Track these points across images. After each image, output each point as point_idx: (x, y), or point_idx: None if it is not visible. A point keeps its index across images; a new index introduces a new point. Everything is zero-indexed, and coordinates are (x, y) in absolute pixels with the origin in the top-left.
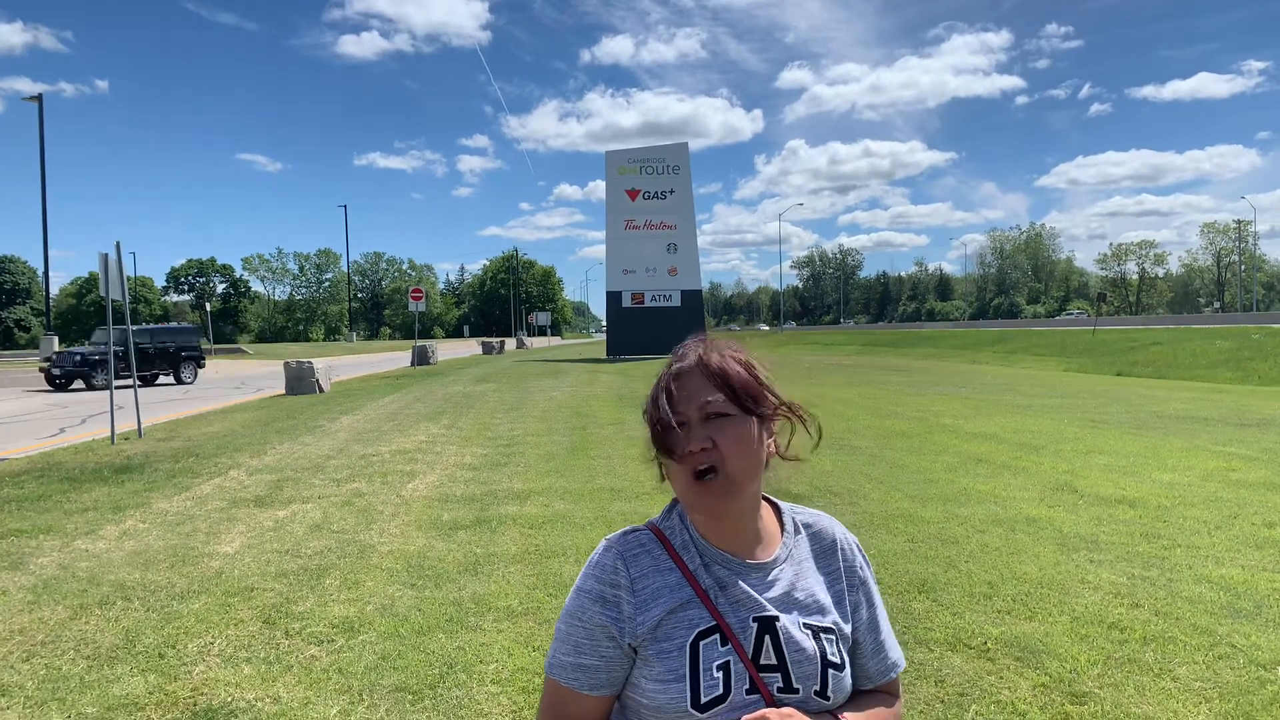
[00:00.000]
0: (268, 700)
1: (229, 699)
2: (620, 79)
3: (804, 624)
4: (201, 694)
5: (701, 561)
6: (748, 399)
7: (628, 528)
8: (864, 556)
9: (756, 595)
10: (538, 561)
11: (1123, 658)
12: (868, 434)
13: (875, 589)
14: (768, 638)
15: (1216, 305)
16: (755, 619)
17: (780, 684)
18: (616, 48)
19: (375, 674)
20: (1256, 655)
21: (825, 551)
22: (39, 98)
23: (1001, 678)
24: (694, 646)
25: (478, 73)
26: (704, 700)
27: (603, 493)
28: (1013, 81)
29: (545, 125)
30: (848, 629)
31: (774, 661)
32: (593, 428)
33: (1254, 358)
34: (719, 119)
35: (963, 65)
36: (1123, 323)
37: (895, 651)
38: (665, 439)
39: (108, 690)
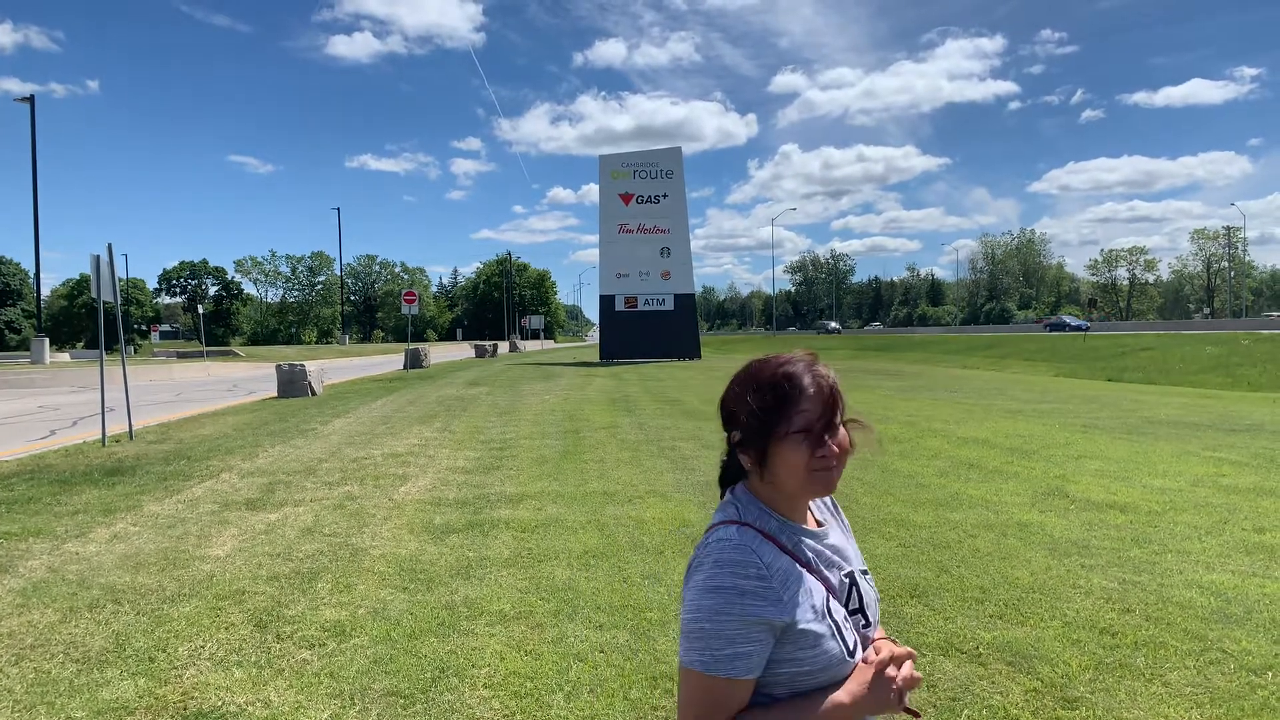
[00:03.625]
0: (259, 704)
1: (220, 703)
2: (613, 82)
3: (861, 571)
4: (192, 698)
5: (792, 540)
6: (842, 411)
7: (727, 525)
8: None
9: (834, 555)
10: (530, 565)
11: (1114, 663)
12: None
13: None
14: (853, 588)
15: (1207, 311)
16: (845, 575)
17: (864, 622)
18: (609, 51)
19: (367, 678)
20: (1247, 660)
21: (835, 510)
22: (31, 99)
23: (993, 682)
24: (826, 609)
25: (469, 75)
26: (851, 648)
27: (595, 496)
28: (1007, 87)
29: (537, 128)
30: None
31: (857, 605)
32: (585, 431)
33: (1243, 364)
34: (713, 123)
35: (957, 70)
36: (1113, 328)
37: None
38: (785, 442)
39: (97, 694)
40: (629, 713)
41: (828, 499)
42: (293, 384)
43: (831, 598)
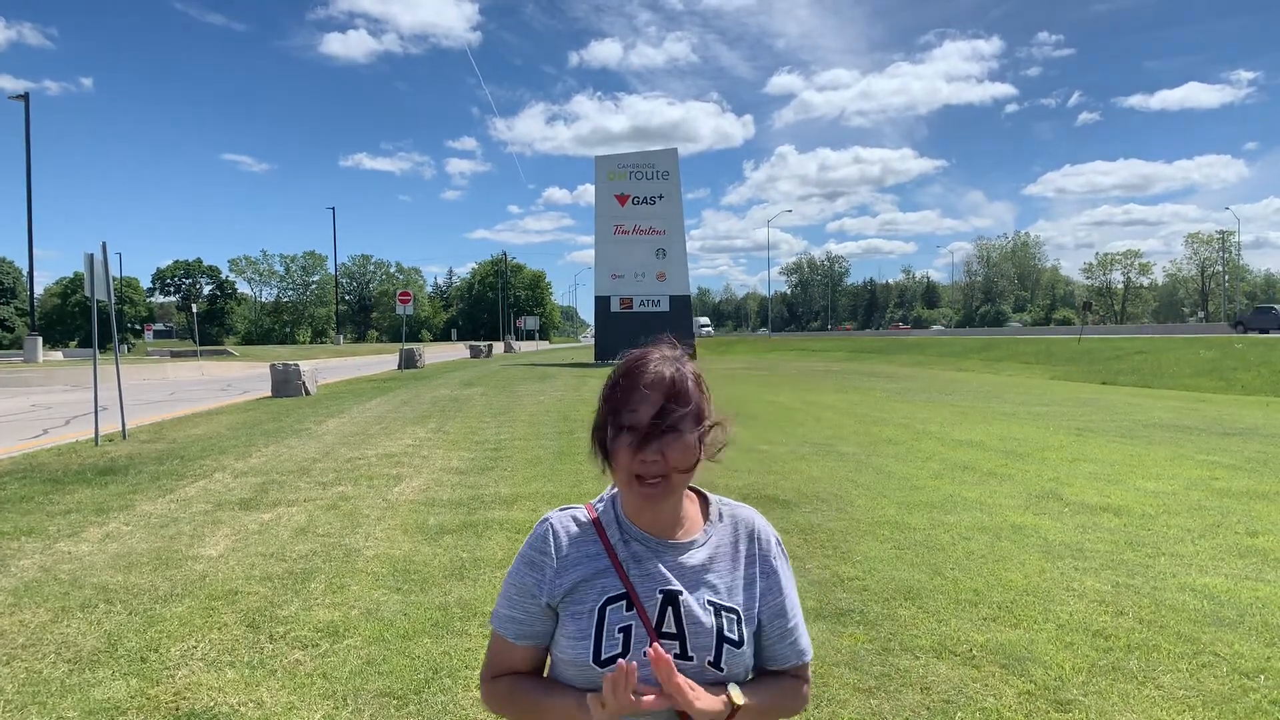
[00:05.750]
0: (251, 705)
1: (212, 703)
2: (609, 83)
3: (708, 601)
4: (184, 698)
5: (622, 538)
6: (696, 415)
7: (567, 505)
8: (780, 549)
9: (666, 571)
10: None
11: (1107, 665)
12: (854, 440)
13: (787, 580)
14: (670, 609)
15: (1201, 315)
16: (661, 591)
17: (678, 651)
18: (605, 51)
19: (360, 679)
20: (1239, 663)
21: (743, 539)
22: (25, 96)
23: (987, 685)
24: (601, 610)
25: (465, 74)
26: (604, 657)
27: (590, 498)
28: (1004, 89)
29: (533, 128)
30: (754, 612)
31: (674, 630)
32: (580, 432)
33: (1237, 367)
34: (709, 124)
35: (955, 72)
36: (1108, 331)
37: (803, 641)
38: (615, 443)
39: (89, 694)
40: None
41: (756, 531)
42: (287, 384)
43: (624, 605)
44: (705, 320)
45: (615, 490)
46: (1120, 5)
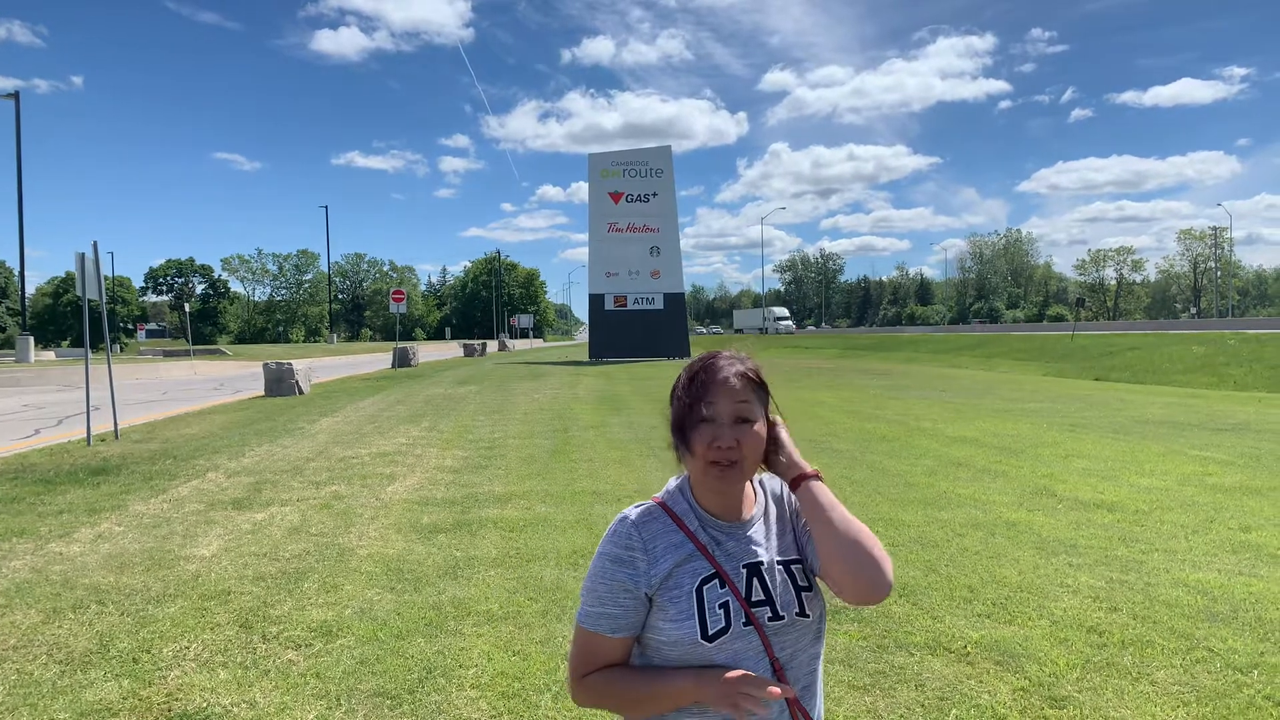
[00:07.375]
0: (244, 705)
1: (204, 704)
2: (602, 80)
3: (776, 561)
4: (176, 699)
5: (700, 525)
6: (764, 408)
7: (643, 501)
8: None
9: (744, 547)
10: (518, 565)
11: (1101, 661)
12: (848, 437)
13: None
14: (754, 579)
15: (1193, 311)
16: (744, 566)
17: (770, 614)
18: (598, 48)
19: (353, 678)
20: (1233, 659)
21: (778, 502)
22: (15, 95)
23: (981, 682)
24: (699, 591)
25: (457, 72)
26: (711, 632)
27: (584, 495)
28: (997, 86)
29: (525, 126)
30: (808, 553)
31: (762, 597)
32: (574, 430)
33: (1229, 363)
34: (703, 121)
35: (949, 69)
36: (1100, 328)
37: None
38: (694, 432)
39: (80, 696)
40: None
41: (783, 494)
42: (280, 383)
43: (718, 584)
44: (783, 311)
45: (677, 484)
46: (1113, 2)
